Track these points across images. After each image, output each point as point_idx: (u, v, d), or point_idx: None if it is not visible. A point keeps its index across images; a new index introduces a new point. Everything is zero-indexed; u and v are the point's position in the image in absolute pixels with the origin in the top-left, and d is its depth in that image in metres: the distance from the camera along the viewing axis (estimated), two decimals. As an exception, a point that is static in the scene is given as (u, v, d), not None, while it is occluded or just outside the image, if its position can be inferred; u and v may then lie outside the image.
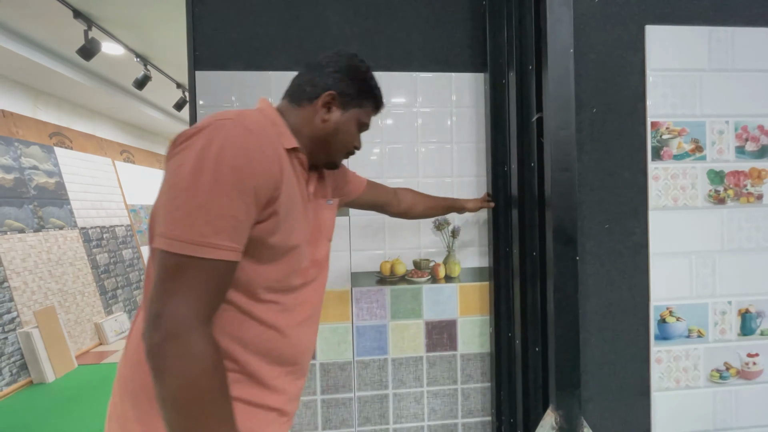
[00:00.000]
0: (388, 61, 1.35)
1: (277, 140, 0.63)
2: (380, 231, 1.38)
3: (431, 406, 1.41)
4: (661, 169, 1.07)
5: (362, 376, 1.39)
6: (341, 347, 1.38)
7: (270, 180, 0.58)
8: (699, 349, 1.08)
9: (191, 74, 1.31)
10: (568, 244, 0.95)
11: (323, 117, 0.72)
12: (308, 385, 1.37)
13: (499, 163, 1.29)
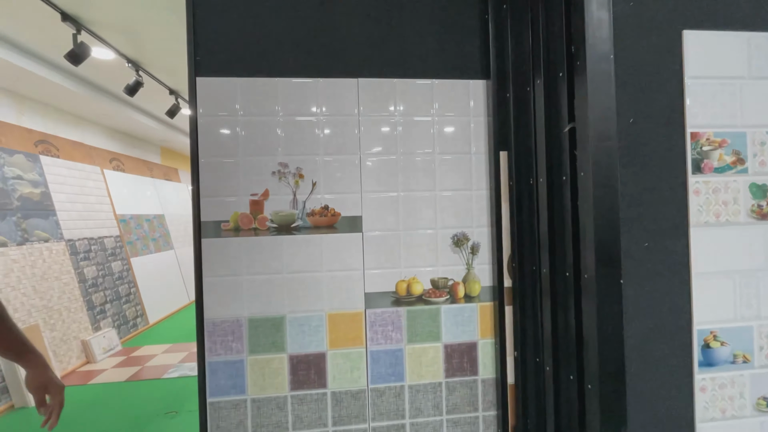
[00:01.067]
0: (401, 68, 1.28)
1: None
2: (395, 248, 1.29)
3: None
4: (702, 183, 1.00)
5: (377, 405, 1.29)
6: (354, 374, 1.28)
7: None
8: (745, 376, 1.01)
9: (192, 81, 1.22)
10: (612, 265, 0.88)
11: None
12: (318, 416, 1.27)
13: (524, 176, 1.21)
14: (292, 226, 1.26)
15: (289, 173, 1.26)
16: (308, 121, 1.26)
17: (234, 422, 1.23)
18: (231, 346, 1.23)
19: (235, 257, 1.23)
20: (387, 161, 1.29)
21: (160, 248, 4.92)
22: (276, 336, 1.25)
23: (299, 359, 1.26)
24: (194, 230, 1.22)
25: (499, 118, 1.25)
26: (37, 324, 2.81)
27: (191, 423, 2.23)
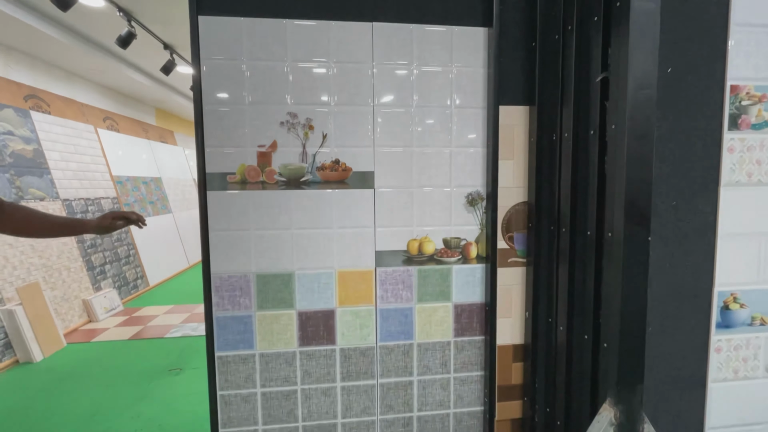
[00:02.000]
0: (419, 13, 1.18)
1: None
2: (408, 206, 1.25)
3: (458, 393, 1.32)
4: (737, 140, 0.95)
5: (385, 362, 1.29)
6: (363, 332, 1.27)
7: None
8: (761, 338, 1.00)
9: (193, 19, 1.12)
10: (641, 223, 0.84)
11: None
12: (327, 371, 1.27)
13: (546, 131, 1.15)
14: (302, 180, 1.20)
15: (298, 124, 1.19)
16: (319, 69, 1.18)
17: (242, 376, 1.23)
18: (239, 301, 1.21)
19: (242, 211, 1.19)
20: (401, 114, 1.22)
21: (158, 211, 4.86)
22: (285, 292, 1.23)
23: (308, 316, 1.24)
24: (199, 182, 1.16)
25: (501, 69, 1.18)
26: (37, 282, 2.80)
27: (195, 380, 2.27)
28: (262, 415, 1.24)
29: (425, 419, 1.32)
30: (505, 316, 1.26)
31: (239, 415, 1.24)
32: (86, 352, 2.71)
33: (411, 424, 1.31)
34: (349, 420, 1.29)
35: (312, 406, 1.27)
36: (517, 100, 1.20)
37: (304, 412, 1.26)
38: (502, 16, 1.18)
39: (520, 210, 1.23)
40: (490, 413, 1.27)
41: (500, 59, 1.17)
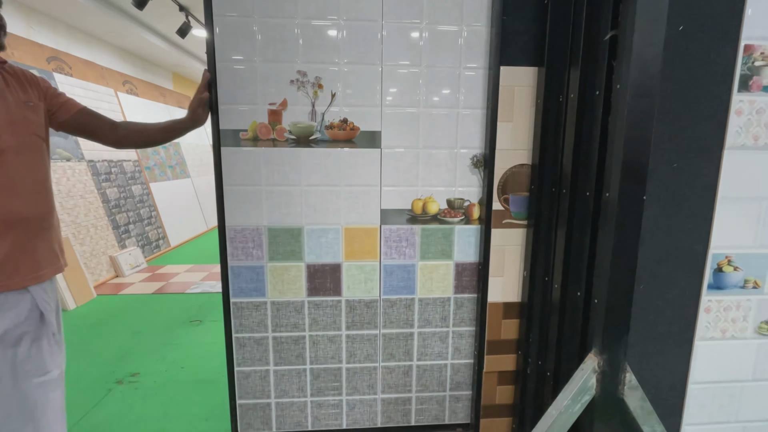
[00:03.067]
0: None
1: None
2: (413, 167, 1.28)
3: (456, 345, 1.40)
4: (747, 102, 0.94)
5: (388, 314, 1.37)
6: (368, 285, 1.34)
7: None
8: (752, 301, 1.03)
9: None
10: (637, 183, 0.85)
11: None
12: (333, 320, 1.36)
13: (554, 92, 1.15)
14: (311, 139, 1.24)
15: (308, 83, 1.22)
16: (329, 27, 1.19)
17: (255, 321, 1.33)
18: (252, 252, 1.29)
19: (254, 167, 1.24)
20: (409, 74, 1.23)
21: (177, 175, 5.00)
22: (294, 246, 1.30)
23: (316, 268, 1.32)
24: (213, 138, 1.22)
25: (512, 29, 1.17)
26: (67, 237, 2.98)
27: (213, 330, 2.43)
28: (273, 356, 1.36)
29: (424, 368, 1.41)
30: (498, 275, 1.31)
31: (252, 356, 1.35)
32: (114, 303, 2.91)
33: (410, 372, 1.41)
34: (352, 365, 1.39)
35: (319, 351, 1.37)
36: (524, 60, 1.20)
37: (312, 356, 1.37)
38: (515, -28, 1.15)
39: (517, 172, 1.25)
40: (478, 365, 1.35)
41: (503, 18, 1.15)
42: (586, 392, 0.94)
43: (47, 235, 1.02)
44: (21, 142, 0.95)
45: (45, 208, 1.01)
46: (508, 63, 1.21)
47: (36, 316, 0.99)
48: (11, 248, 0.93)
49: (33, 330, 0.98)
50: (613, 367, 0.92)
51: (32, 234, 0.97)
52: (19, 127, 0.95)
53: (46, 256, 1.01)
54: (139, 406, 1.70)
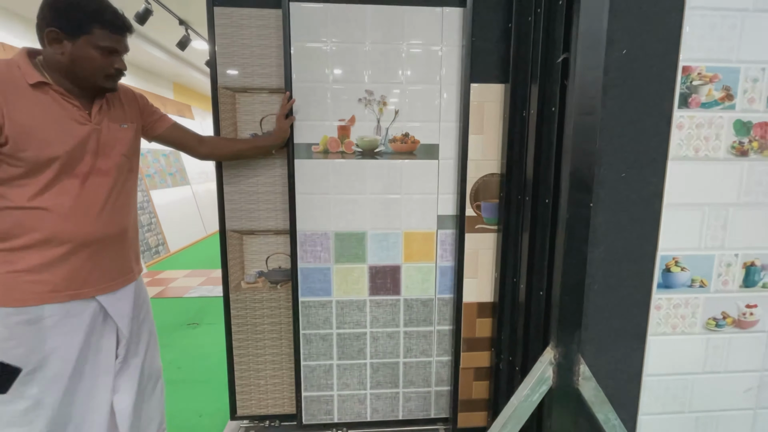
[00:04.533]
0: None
1: (5, 79, 0.84)
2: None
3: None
4: (687, 118, 1.04)
5: (442, 312, 1.46)
6: (425, 285, 1.44)
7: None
8: (699, 298, 1.11)
9: (210, 10, 1.26)
10: (584, 191, 0.95)
11: (59, 51, 0.88)
12: (392, 318, 1.46)
13: (519, 108, 1.25)
14: (375, 151, 1.36)
15: (374, 101, 1.33)
16: (394, 50, 1.30)
17: (321, 318, 1.44)
18: (319, 255, 1.40)
19: (324, 177, 1.36)
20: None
21: (177, 183, 5.11)
22: (358, 249, 1.41)
23: (377, 269, 1.43)
24: (288, 150, 1.33)
25: (482, 48, 1.28)
26: (69, 243, 3.07)
27: (210, 333, 2.52)
28: (336, 351, 1.46)
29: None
30: (472, 276, 1.40)
31: (318, 351, 1.46)
32: (114, 308, 3.00)
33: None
34: (409, 360, 1.48)
35: (379, 347, 1.47)
36: (492, 78, 1.30)
37: (372, 351, 1.47)
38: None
39: (488, 181, 1.35)
40: (455, 362, 1.44)
41: (472, 40, 1.26)
42: (543, 383, 1.02)
43: (122, 248, 1.06)
44: (108, 165, 0.99)
45: (123, 225, 1.05)
46: (477, 80, 1.31)
47: (100, 323, 1.03)
48: (83, 263, 0.97)
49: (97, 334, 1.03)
50: (567, 359, 1.01)
51: (107, 249, 1.01)
52: (109, 149, 0.98)
53: (120, 267, 1.05)
54: (137, 404, 1.79)
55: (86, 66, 0.90)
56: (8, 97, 0.83)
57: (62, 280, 0.94)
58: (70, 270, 0.95)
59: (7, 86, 0.84)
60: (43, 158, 0.87)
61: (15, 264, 0.90)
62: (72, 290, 0.95)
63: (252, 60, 1.30)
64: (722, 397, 1.17)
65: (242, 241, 1.42)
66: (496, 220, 1.37)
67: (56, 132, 0.88)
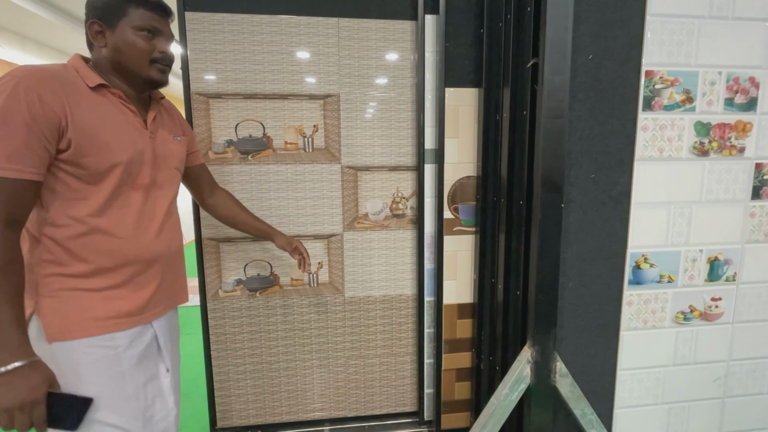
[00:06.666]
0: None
1: (68, 82, 0.78)
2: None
3: (416, 346, 1.49)
4: (651, 120, 1.08)
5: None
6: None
7: (42, 114, 0.72)
8: (668, 293, 1.16)
9: (180, 15, 1.24)
10: (555, 191, 0.97)
11: (102, 45, 0.84)
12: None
13: (492, 112, 1.27)
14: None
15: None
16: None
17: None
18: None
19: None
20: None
21: (153, 190, 4.97)
22: None
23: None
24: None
25: (456, 54, 1.30)
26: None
27: (189, 344, 2.46)
28: None
29: (387, 369, 1.49)
30: (451, 278, 1.41)
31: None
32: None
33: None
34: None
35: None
36: (466, 82, 1.32)
37: None
38: (458, 5, 1.29)
39: (465, 183, 1.37)
40: (437, 364, 1.45)
41: (446, 45, 1.28)
42: (522, 381, 1.04)
43: (179, 269, 1.00)
44: (164, 178, 0.93)
45: (179, 243, 0.99)
46: (452, 85, 1.33)
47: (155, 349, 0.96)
48: (147, 285, 0.90)
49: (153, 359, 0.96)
50: (544, 357, 1.03)
51: (166, 270, 0.94)
52: (164, 161, 0.93)
53: (176, 290, 0.99)
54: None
55: (130, 53, 0.85)
56: (70, 98, 0.77)
57: (128, 305, 0.87)
58: (131, 293, 0.88)
59: (68, 88, 0.78)
60: (105, 165, 0.80)
61: (79, 290, 0.82)
62: (136, 315, 0.88)
63: (225, 65, 1.28)
64: (693, 388, 1.21)
65: (219, 248, 1.39)
66: (473, 222, 1.39)
67: (117, 137, 0.83)
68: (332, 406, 1.48)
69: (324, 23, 1.28)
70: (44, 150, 0.74)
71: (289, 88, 1.30)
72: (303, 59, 1.29)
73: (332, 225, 1.39)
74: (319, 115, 1.33)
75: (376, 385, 1.49)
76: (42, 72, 0.76)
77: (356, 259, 1.42)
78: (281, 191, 1.35)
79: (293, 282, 1.42)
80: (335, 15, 1.28)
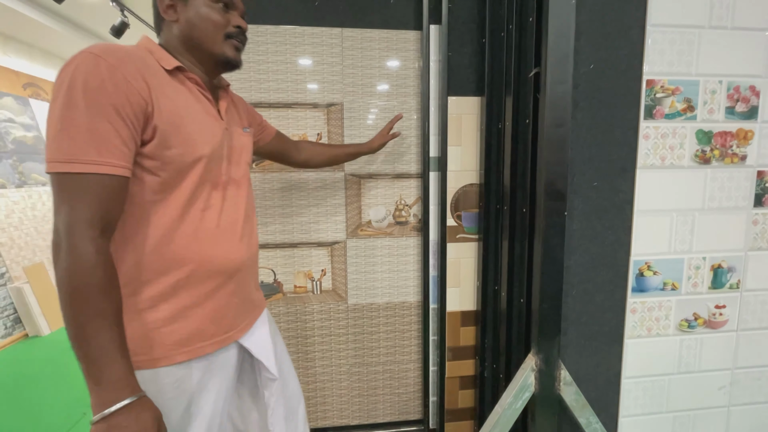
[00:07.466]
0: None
1: (147, 64, 0.68)
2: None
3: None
4: (652, 128, 1.09)
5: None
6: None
7: (130, 96, 0.62)
8: (671, 301, 1.16)
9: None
10: (558, 199, 0.98)
11: (174, 20, 0.75)
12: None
13: (494, 120, 1.28)
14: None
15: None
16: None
17: None
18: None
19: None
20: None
21: (156, 197, 5.00)
22: None
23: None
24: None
25: (458, 63, 1.31)
26: (42, 262, 2.96)
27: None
28: None
29: (390, 377, 1.49)
30: (455, 285, 1.41)
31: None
32: (90, 328, 2.89)
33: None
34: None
35: None
36: (469, 91, 1.33)
37: None
38: (461, 15, 1.30)
39: (468, 191, 1.37)
40: (441, 371, 1.44)
41: (449, 55, 1.29)
42: (526, 390, 1.04)
43: (254, 276, 0.91)
44: (240, 174, 0.84)
45: (256, 247, 0.90)
46: (455, 93, 1.34)
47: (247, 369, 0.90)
48: (229, 298, 0.79)
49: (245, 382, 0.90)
50: (548, 365, 1.03)
51: (245, 278, 0.84)
52: (238, 155, 0.84)
53: (254, 299, 0.89)
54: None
55: (203, 26, 0.75)
56: (151, 81, 0.66)
57: (209, 325, 0.75)
58: (215, 310, 0.76)
59: (147, 70, 0.67)
60: (189, 159, 0.70)
61: (154, 312, 0.69)
62: (218, 337, 0.76)
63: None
64: (698, 396, 1.21)
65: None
66: (476, 229, 1.40)
67: (198, 128, 0.72)
68: (336, 414, 1.47)
69: (328, 33, 1.30)
70: (132, 140, 0.63)
71: (293, 97, 1.32)
72: (307, 69, 1.31)
73: (336, 232, 1.40)
74: (323, 123, 1.34)
75: (379, 393, 1.49)
76: (121, 50, 0.65)
77: (359, 266, 1.42)
78: (285, 198, 1.35)
79: (296, 289, 1.42)
80: (339, 25, 1.30)
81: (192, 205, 0.72)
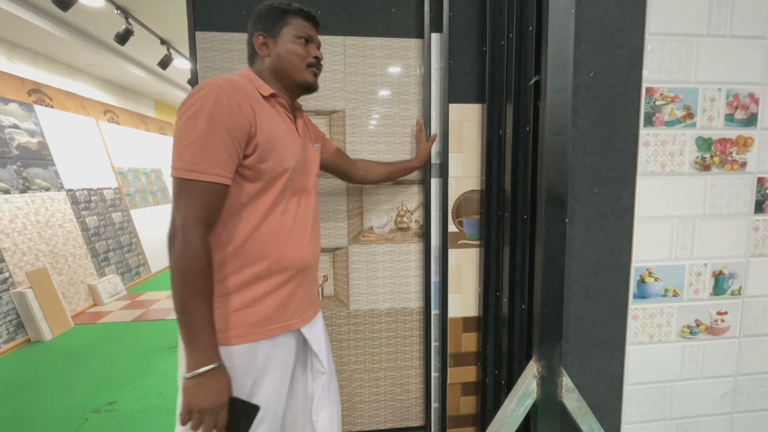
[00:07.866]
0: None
1: (250, 92, 0.83)
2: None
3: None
4: (652, 136, 1.10)
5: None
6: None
7: (240, 120, 0.78)
8: (673, 307, 1.16)
9: (191, 35, 1.27)
10: (559, 206, 0.98)
11: (266, 55, 0.92)
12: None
13: (495, 127, 1.29)
14: None
15: None
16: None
17: None
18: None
19: None
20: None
21: (158, 201, 5.03)
22: None
23: None
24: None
25: (460, 70, 1.32)
26: (44, 267, 2.98)
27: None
28: None
29: (392, 383, 1.49)
30: (456, 291, 1.42)
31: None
32: (92, 332, 2.90)
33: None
34: None
35: None
36: (470, 98, 1.34)
37: None
38: (462, 23, 1.32)
39: (469, 197, 1.38)
40: (442, 378, 1.44)
41: (450, 63, 1.30)
42: (528, 396, 1.04)
43: (317, 274, 1.04)
44: (310, 184, 0.98)
45: (319, 249, 1.03)
46: (456, 101, 1.35)
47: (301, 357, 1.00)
48: (295, 290, 0.92)
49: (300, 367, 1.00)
50: (550, 372, 1.03)
51: (309, 275, 0.97)
52: (309, 168, 0.97)
53: (315, 295, 1.02)
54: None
55: (290, 58, 0.91)
56: (255, 106, 0.82)
57: (275, 311, 0.88)
58: (284, 298, 0.90)
59: (251, 96, 0.83)
60: (278, 170, 0.85)
61: (237, 297, 0.83)
62: (283, 322, 0.90)
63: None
64: (700, 403, 1.20)
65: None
66: (477, 235, 1.40)
67: (286, 144, 0.88)
68: (337, 420, 1.47)
69: (330, 41, 1.31)
70: (236, 155, 0.78)
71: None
72: (309, 76, 1.32)
73: (337, 238, 1.40)
74: (326, 130, 1.35)
75: (381, 399, 1.48)
76: (235, 81, 0.81)
77: (361, 272, 1.43)
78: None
79: (298, 295, 1.43)
80: (341, 34, 1.31)
81: (275, 209, 0.86)
